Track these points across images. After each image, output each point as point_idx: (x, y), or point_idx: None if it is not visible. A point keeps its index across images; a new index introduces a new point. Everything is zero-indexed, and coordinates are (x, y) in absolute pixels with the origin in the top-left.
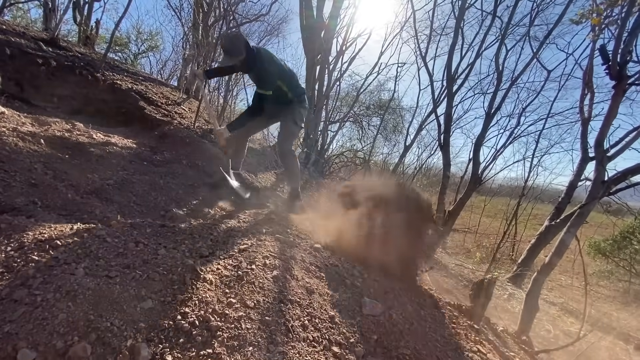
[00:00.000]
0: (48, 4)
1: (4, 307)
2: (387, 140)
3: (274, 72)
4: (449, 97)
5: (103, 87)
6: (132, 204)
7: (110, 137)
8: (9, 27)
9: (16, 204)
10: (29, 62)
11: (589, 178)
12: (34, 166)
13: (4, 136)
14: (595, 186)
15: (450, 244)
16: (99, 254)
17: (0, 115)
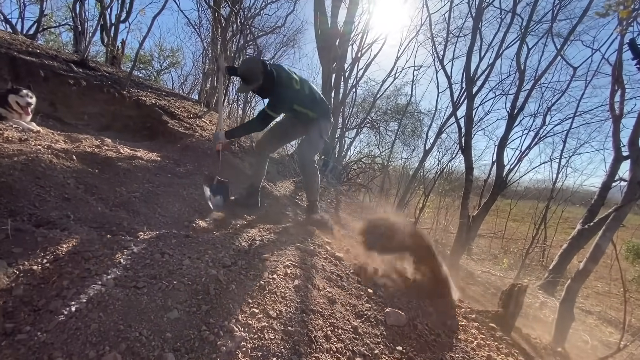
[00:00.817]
0: (78, 27)
1: (41, 317)
2: (405, 144)
3: (287, 97)
4: (469, 100)
5: (129, 104)
6: (157, 215)
7: (136, 151)
8: (43, 50)
9: (51, 218)
10: (61, 83)
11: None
12: (67, 181)
13: (40, 154)
14: (631, 187)
15: (476, 249)
16: (127, 265)
17: (36, 134)
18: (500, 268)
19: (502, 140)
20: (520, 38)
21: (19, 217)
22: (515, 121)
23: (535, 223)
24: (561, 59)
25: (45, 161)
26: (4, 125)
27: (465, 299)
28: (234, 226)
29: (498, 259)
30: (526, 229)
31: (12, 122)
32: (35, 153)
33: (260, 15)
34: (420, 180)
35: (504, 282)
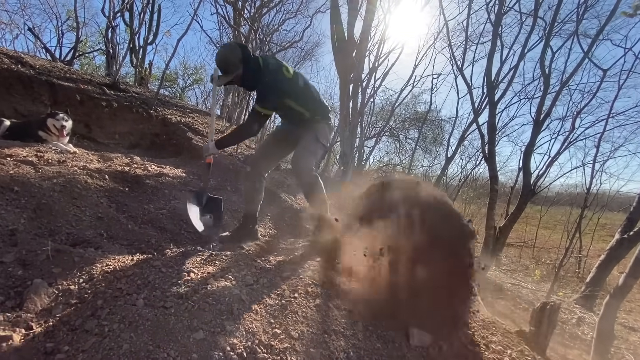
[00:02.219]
0: (110, 52)
1: (78, 336)
2: (426, 152)
3: (276, 86)
4: (491, 107)
5: (156, 122)
6: (182, 231)
7: (163, 167)
8: (79, 76)
9: (86, 237)
10: (95, 106)
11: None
12: (100, 200)
13: (76, 175)
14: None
15: (504, 260)
16: (155, 284)
17: (72, 154)
18: (532, 280)
19: (529, 147)
20: (544, 41)
21: (57, 237)
22: (542, 127)
23: (569, 231)
24: (589, 61)
25: (81, 182)
26: (45, 148)
27: (494, 315)
28: (256, 243)
29: (529, 270)
30: (559, 238)
31: (51, 144)
32: (72, 174)
33: (279, 31)
34: (443, 189)
35: (536, 295)
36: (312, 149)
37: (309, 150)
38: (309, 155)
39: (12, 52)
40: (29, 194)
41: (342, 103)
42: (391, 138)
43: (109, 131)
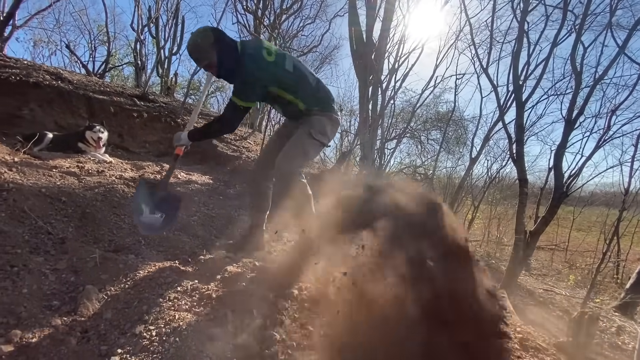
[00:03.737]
0: (138, 64)
1: (128, 340)
2: (449, 153)
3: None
4: (519, 107)
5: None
6: (212, 237)
7: (191, 174)
8: (112, 88)
9: (126, 244)
10: (127, 117)
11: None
12: None
13: (115, 184)
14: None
15: (535, 264)
16: (194, 291)
17: (109, 164)
18: (566, 285)
19: (560, 148)
20: (575, 36)
21: (101, 244)
22: (574, 126)
23: (605, 234)
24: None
25: (119, 191)
26: (84, 159)
27: (526, 324)
28: (282, 249)
29: (562, 274)
30: (594, 240)
31: (90, 155)
32: (110, 184)
33: (298, 37)
34: (468, 190)
35: (570, 302)
36: (302, 147)
37: (296, 149)
38: (295, 154)
39: (52, 69)
40: (74, 204)
41: (361, 106)
42: (412, 139)
43: (140, 140)
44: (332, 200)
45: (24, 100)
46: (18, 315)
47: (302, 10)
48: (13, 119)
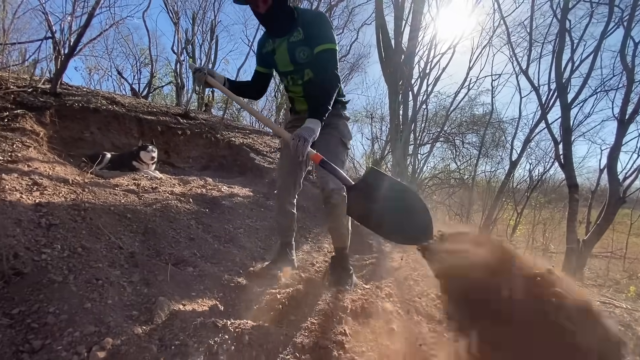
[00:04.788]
0: (178, 83)
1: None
2: (487, 157)
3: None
4: (564, 109)
5: (222, 145)
6: (258, 248)
7: (233, 187)
8: (157, 108)
9: (184, 257)
10: (172, 135)
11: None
12: (190, 222)
13: (169, 200)
14: None
15: (589, 273)
16: (249, 304)
17: (159, 180)
18: (626, 297)
19: (614, 150)
20: (624, 32)
21: (162, 257)
22: (628, 128)
23: None
24: None
25: (173, 207)
26: (139, 176)
27: None
28: (324, 256)
29: (621, 285)
30: None
31: (143, 172)
32: (165, 200)
33: None
34: (509, 195)
35: (633, 316)
36: (340, 159)
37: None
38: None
39: (107, 94)
40: (138, 220)
41: (392, 112)
42: (446, 143)
43: (184, 156)
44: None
45: (85, 124)
46: (107, 324)
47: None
48: (77, 141)
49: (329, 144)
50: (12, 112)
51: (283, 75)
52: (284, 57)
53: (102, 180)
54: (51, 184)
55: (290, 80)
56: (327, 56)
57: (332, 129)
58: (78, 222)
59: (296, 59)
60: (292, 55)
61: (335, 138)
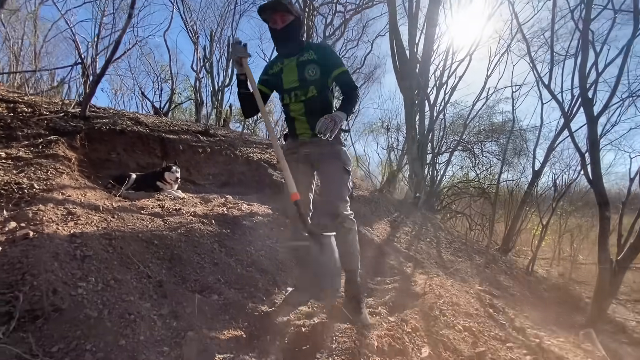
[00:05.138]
0: (198, 100)
1: None
2: (506, 164)
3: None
4: (590, 123)
5: (241, 162)
6: (279, 271)
7: (252, 205)
8: (179, 127)
9: (209, 283)
10: (193, 153)
11: None
12: (213, 246)
13: (193, 223)
14: None
15: (624, 288)
16: (279, 332)
17: (182, 200)
18: None
19: None
20: None
21: (188, 284)
22: None
23: None
24: None
25: (197, 230)
26: (162, 197)
27: None
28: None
29: None
30: None
31: (166, 192)
32: (189, 223)
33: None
34: (533, 204)
35: None
36: (346, 185)
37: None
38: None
39: (131, 114)
40: (164, 246)
41: (408, 122)
42: (465, 152)
43: (205, 173)
44: None
45: (112, 146)
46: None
47: (344, 33)
48: (104, 162)
49: (334, 174)
50: (45, 139)
51: (287, 92)
52: (292, 73)
53: (129, 204)
54: (83, 212)
55: (293, 96)
56: (347, 77)
57: (335, 159)
58: (109, 252)
59: (304, 75)
60: (301, 72)
61: (338, 167)
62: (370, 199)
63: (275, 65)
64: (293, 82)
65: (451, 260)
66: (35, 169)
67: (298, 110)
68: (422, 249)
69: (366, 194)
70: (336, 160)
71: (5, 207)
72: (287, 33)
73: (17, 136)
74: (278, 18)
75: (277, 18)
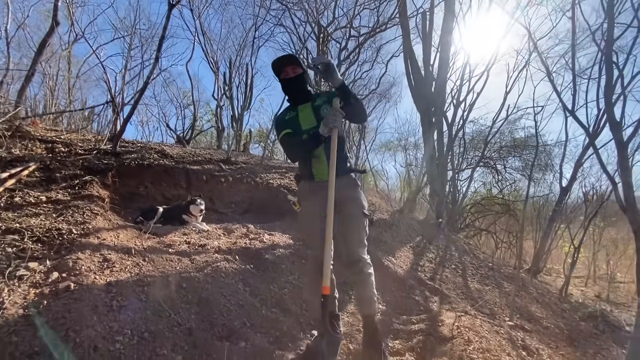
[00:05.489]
0: (219, 127)
1: None
2: (533, 181)
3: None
4: (620, 148)
5: (262, 189)
6: (303, 311)
7: (274, 235)
8: (202, 156)
9: (235, 327)
10: (216, 182)
11: None
12: (238, 286)
13: (218, 261)
14: None
15: None
16: None
17: (207, 232)
18: None
19: None
20: None
21: (216, 329)
22: None
23: None
24: None
25: (222, 269)
26: (188, 230)
27: None
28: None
29: None
30: None
31: (192, 225)
32: (215, 261)
33: (356, 82)
34: (562, 221)
35: None
36: (365, 230)
37: (363, 233)
38: (364, 240)
39: (157, 146)
40: (192, 289)
41: (426, 142)
42: (486, 168)
43: (227, 201)
44: None
45: (140, 180)
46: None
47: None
48: (133, 195)
49: (354, 220)
50: (81, 180)
51: (305, 133)
52: (310, 116)
53: (158, 242)
54: (118, 257)
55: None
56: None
57: (354, 203)
58: (143, 300)
59: (322, 115)
60: (317, 113)
61: (358, 212)
62: (390, 222)
63: (289, 113)
64: (311, 122)
65: (479, 290)
66: (72, 211)
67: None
68: (448, 278)
69: (386, 216)
70: (355, 205)
71: (47, 256)
72: (298, 81)
73: (55, 178)
74: (290, 70)
75: (289, 70)
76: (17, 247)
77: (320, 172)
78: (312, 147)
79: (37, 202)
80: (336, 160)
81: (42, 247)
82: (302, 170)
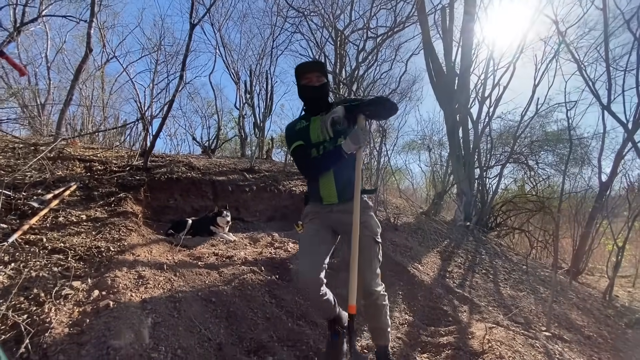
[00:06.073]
0: (242, 135)
1: None
2: (568, 177)
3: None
4: None
5: (285, 196)
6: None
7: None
8: (227, 167)
9: (262, 341)
10: (241, 192)
11: None
12: (264, 298)
13: (245, 274)
14: None
15: None
16: None
17: (233, 242)
18: None
19: None
20: None
21: (245, 343)
22: None
23: None
24: None
25: (249, 282)
26: (215, 241)
27: None
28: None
29: None
30: None
31: (219, 236)
32: (242, 274)
33: (374, 84)
34: (604, 218)
35: None
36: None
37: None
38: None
39: (184, 159)
40: (221, 303)
41: (451, 142)
42: (516, 164)
43: (252, 210)
44: None
45: (170, 193)
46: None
47: (378, 56)
48: (164, 208)
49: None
50: (117, 197)
51: (315, 147)
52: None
53: (188, 257)
54: (151, 273)
55: (322, 149)
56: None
57: (364, 230)
58: (175, 316)
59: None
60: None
61: (369, 240)
62: (416, 226)
63: (300, 123)
64: (322, 135)
65: (512, 297)
66: (110, 228)
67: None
68: (478, 285)
69: (411, 219)
70: (365, 231)
71: (89, 274)
72: (321, 91)
73: (94, 196)
74: (314, 77)
75: (314, 77)
76: (62, 266)
77: (329, 194)
78: (333, 164)
79: (78, 221)
80: (346, 182)
81: (84, 265)
82: (310, 192)
